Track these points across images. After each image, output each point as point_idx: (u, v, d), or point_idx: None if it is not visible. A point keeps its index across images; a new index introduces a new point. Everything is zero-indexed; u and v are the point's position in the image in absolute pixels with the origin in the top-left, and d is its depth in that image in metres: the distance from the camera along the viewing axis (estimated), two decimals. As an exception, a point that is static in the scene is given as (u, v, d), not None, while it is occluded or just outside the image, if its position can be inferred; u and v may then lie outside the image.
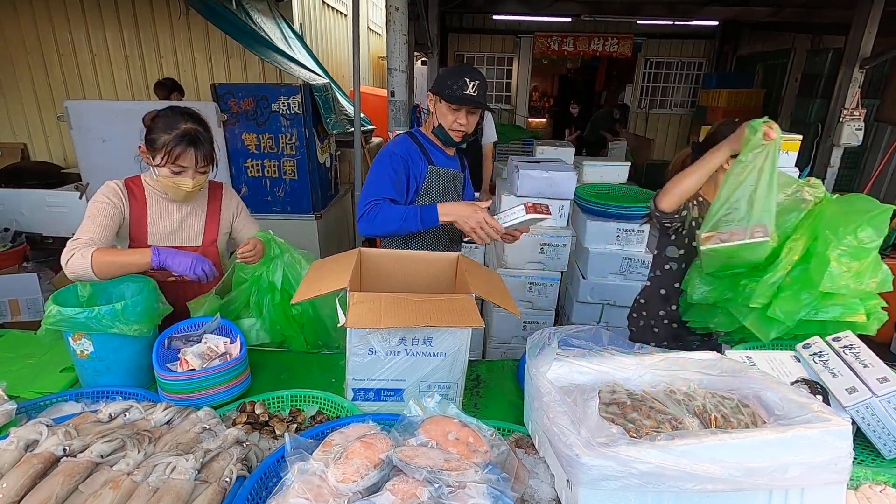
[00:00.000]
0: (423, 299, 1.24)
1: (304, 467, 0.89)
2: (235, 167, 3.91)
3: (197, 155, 1.57)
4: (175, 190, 1.60)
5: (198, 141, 1.56)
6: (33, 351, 1.61)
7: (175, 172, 1.56)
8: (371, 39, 9.08)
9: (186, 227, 1.72)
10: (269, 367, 1.57)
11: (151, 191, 1.66)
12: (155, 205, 1.66)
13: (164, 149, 1.53)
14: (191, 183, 1.58)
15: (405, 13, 3.29)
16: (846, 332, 1.35)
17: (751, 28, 8.38)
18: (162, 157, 1.54)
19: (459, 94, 1.80)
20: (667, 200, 1.66)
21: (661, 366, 1.16)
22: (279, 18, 5.05)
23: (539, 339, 1.16)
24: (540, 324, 3.20)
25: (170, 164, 1.54)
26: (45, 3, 5.44)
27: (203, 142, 1.58)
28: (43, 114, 5.89)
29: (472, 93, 1.80)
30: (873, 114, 5.73)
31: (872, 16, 4.79)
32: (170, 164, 1.55)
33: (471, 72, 1.83)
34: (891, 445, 1.15)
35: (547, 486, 1.02)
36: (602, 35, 8.67)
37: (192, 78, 5.80)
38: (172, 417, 1.15)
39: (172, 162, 1.54)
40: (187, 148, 1.54)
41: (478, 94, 1.82)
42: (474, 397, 1.45)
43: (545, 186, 3.00)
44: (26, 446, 0.98)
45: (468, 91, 1.80)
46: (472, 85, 1.80)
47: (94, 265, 1.44)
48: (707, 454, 0.83)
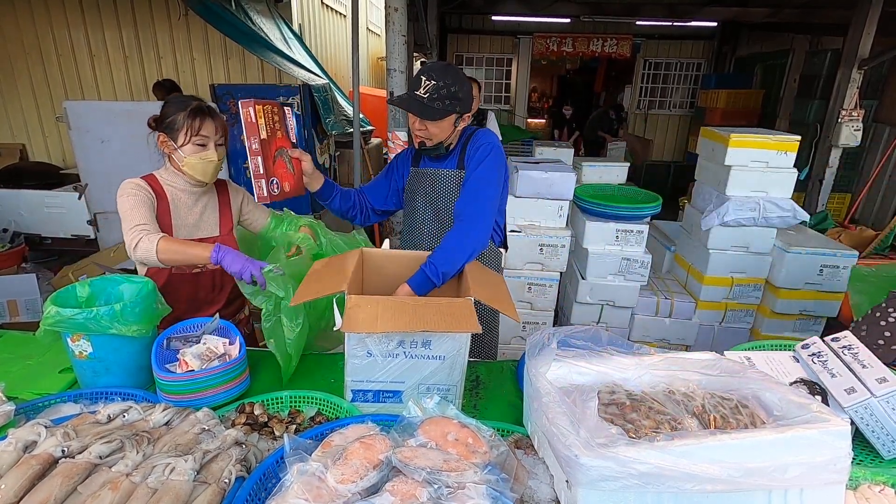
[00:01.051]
0: (420, 303, 1.24)
1: (303, 468, 0.89)
2: (235, 168, 3.91)
3: (216, 125, 1.63)
4: (203, 166, 1.64)
5: (212, 110, 1.64)
6: (32, 352, 1.60)
7: (200, 145, 1.62)
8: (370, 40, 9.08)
9: (205, 218, 1.76)
10: (269, 368, 1.57)
11: (169, 186, 1.69)
12: (175, 199, 1.69)
13: (186, 123, 1.59)
14: (216, 155, 1.64)
15: (404, 14, 3.29)
16: (845, 333, 1.35)
17: (750, 29, 8.39)
18: (185, 133, 1.60)
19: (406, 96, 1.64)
20: None
21: (660, 366, 1.15)
22: (278, 19, 5.05)
23: (539, 339, 1.16)
24: (539, 324, 3.20)
25: (193, 136, 1.60)
26: (44, 4, 5.44)
27: (215, 114, 1.65)
28: (42, 114, 5.89)
29: (422, 94, 1.60)
30: (872, 114, 5.74)
31: (871, 16, 4.80)
32: (193, 137, 1.61)
33: (432, 70, 1.62)
34: (889, 446, 1.15)
35: (546, 487, 1.02)
36: (601, 36, 8.68)
37: (191, 78, 5.80)
38: (171, 418, 1.15)
39: (196, 133, 1.60)
40: (206, 117, 1.61)
41: (428, 96, 1.60)
42: (473, 398, 1.45)
43: (544, 187, 3.01)
44: (25, 447, 0.98)
45: (418, 91, 1.61)
46: (424, 86, 1.60)
47: (159, 251, 1.49)
48: (706, 454, 0.83)
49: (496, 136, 1.79)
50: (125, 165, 1.97)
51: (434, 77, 1.59)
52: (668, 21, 8.27)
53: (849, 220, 5.20)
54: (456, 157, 1.81)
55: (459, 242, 1.60)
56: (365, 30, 8.62)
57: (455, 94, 1.62)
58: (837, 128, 5.08)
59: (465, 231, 1.63)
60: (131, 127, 3.68)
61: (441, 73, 1.61)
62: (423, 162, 1.89)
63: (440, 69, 1.63)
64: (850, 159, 5.72)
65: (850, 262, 3.05)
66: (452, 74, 1.63)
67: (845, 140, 5.06)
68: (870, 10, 4.78)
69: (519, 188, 3.02)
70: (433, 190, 1.85)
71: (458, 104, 1.65)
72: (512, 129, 8.40)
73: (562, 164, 3.27)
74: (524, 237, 3.03)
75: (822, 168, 5.33)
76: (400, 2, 3.22)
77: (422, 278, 1.54)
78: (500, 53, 9.53)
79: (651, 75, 9.44)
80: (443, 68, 1.64)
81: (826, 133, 5.27)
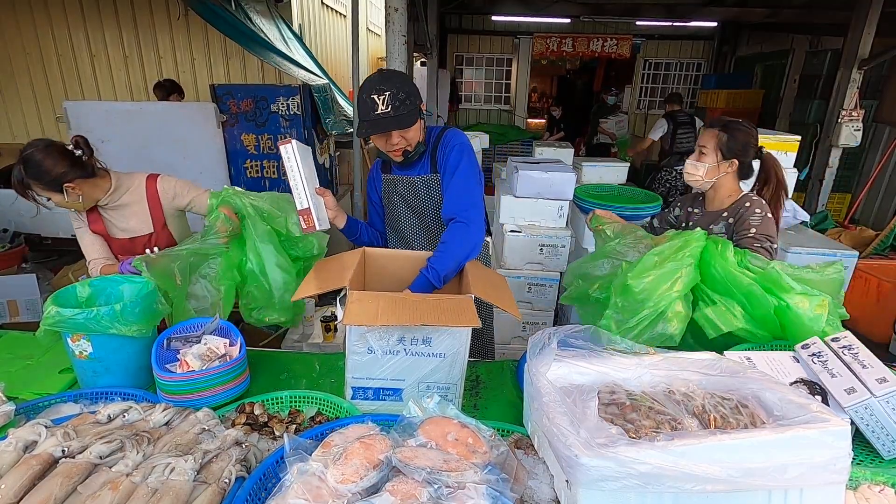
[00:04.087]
0: (420, 299, 1.24)
1: (303, 468, 0.89)
2: (234, 168, 3.91)
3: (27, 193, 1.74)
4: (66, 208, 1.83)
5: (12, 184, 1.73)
6: (32, 352, 1.60)
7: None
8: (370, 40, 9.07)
9: (137, 221, 1.95)
10: (269, 368, 1.57)
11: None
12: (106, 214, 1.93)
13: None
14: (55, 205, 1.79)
15: (404, 14, 3.29)
16: (845, 333, 1.35)
17: (750, 29, 8.40)
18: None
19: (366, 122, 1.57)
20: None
21: (660, 366, 1.16)
22: (278, 19, 5.05)
23: (539, 339, 1.16)
24: (539, 324, 3.20)
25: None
26: (43, 4, 5.43)
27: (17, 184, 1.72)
28: (42, 114, 5.88)
29: (385, 109, 1.53)
30: (872, 114, 5.74)
31: (871, 17, 4.80)
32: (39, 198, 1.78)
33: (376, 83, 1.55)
34: (889, 446, 1.15)
35: (546, 487, 1.02)
36: (601, 36, 8.68)
37: (191, 79, 5.79)
38: (171, 418, 1.15)
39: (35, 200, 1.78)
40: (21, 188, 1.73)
41: (392, 108, 1.53)
42: (474, 398, 1.45)
43: (544, 187, 3.01)
44: (25, 447, 0.98)
45: (378, 110, 1.54)
46: (381, 101, 1.53)
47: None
48: (706, 455, 0.83)
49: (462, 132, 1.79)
50: (125, 165, 1.99)
51: (384, 88, 1.54)
52: (667, 21, 8.27)
53: (849, 220, 5.20)
54: (427, 161, 1.77)
55: (459, 244, 1.60)
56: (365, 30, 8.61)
57: (410, 93, 1.58)
58: (837, 128, 5.08)
59: (462, 231, 1.62)
60: (131, 127, 3.70)
61: (387, 82, 1.56)
62: (393, 170, 1.83)
63: (383, 79, 1.58)
64: (850, 159, 5.72)
65: (850, 263, 3.05)
66: (396, 77, 1.59)
67: (845, 140, 5.06)
68: (870, 10, 4.78)
69: (519, 188, 3.02)
70: (414, 197, 1.81)
71: (415, 99, 1.61)
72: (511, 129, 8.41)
73: (562, 164, 3.27)
74: (524, 237, 3.03)
75: (822, 168, 5.33)
76: (400, 2, 3.22)
77: (423, 282, 1.54)
78: (499, 53, 9.53)
79: (651, 75, 9.44)
80: (385, 77, 1.59)
81: (826, 133, 5.27)
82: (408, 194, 1.81)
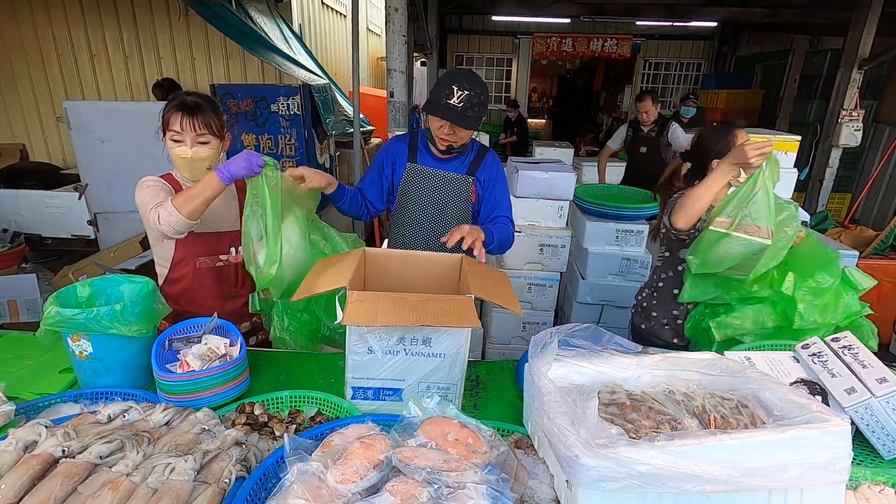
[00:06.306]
0: (420, 299, 1.24)
1: (303, 468, 0.89)
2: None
3: (192, 122, 1.58)
4: (179, 161, 1.62)
5: (189, 108, 1.58)
6: (32, 352, 1.60)
7: (175, 141, 1.60)
8: (370, 40, 9.08)
9: (225, 213, 1.76)
10: (269, 368, 1.57)
11: (185, 182, 1.70)
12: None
13: (162, 118, 1.61)
14: (189, 152, 1.59)
15: (404, 14, 3.29)
16: (845, 333, 1.35)
17: (750, 29, 8.40)
18: (162, 128, 1.61)
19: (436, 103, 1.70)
20: (684, 220, 1.71)
21: (660, 366, 1.16)
22: (278, 19, 5.05)
23: (540, 338, 1.16)
24: (539, 324, 3.20)
25: (168, 130, 1.60)
26: (43, 4, 5.44)
27: (197, 110, 1.59)
28: (42, 114, 5.89)
29: (456, 103, 1.67)
30: (872, 114, 5.74)
31: (871, 17, 4.81)
32: (168, 132, 1.60)
33: (461, 78, 1.69)
34: (889, 446, 1.15)
35: (546, 487, 1.02)
36: (601, 36, 8.69)
37: (191, 78, 5.80)
38: (171, 418, 1.15)
39: (167, 128, 1.60)
40: (178, 114, 1.58)
41: (462, 106, 1.68)
42: (474, 398, 1.45)
43: (544, 187, 3.01)
44: (25, 447, 0.98)
45: (452, 100, 1.67)
46: (457, 95, 1.66)
47: (177, 209, 1.49)
48: (706, 455, 0.83)
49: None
50: (125, 165, 1.98)
51: (466, 87, 1.67)
52: (667, 21, 8.28)
53: (849, 220, 5.20)
54: (467, 164, 1.94)
55: (509, 231, 1.91)
56: (365, 30, 8.62)
57: (484, 102, 1.73)
58: (837, 128, 5.09)
59: (510, 227, 1.92)
60: (131, 127, 3.69)
61: (471, 83, 1.69)
62: (423, 159, 1.92)
63: (469, 78, 1.71)
64: (850, 159, 5.72)
65: (850, 263, 3.05)
66: (480, 83, 1.73)
67: (845, 140, 5.07)
68: (870, 10, 4.79)
69: (519, 188, 3.01)
70: (438, 191, 1.92)
71: (483, 110, 1.76)
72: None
73: (562, 164, 3.27)
74: (524, 237, 3.03)
75: (822, 168, 5.33)
76: (400, 2, 3.22)
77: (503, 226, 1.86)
78: (500, 53, 9.54)
79: (651, 75, 9.45)
80: (471, 77, 1.72)
81: (826, 133, 5.27)
82: (434, 187, 1.95)
